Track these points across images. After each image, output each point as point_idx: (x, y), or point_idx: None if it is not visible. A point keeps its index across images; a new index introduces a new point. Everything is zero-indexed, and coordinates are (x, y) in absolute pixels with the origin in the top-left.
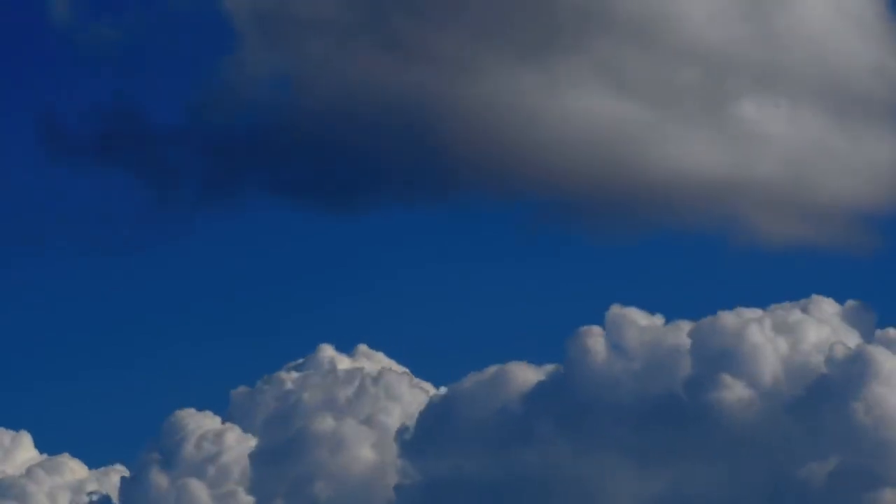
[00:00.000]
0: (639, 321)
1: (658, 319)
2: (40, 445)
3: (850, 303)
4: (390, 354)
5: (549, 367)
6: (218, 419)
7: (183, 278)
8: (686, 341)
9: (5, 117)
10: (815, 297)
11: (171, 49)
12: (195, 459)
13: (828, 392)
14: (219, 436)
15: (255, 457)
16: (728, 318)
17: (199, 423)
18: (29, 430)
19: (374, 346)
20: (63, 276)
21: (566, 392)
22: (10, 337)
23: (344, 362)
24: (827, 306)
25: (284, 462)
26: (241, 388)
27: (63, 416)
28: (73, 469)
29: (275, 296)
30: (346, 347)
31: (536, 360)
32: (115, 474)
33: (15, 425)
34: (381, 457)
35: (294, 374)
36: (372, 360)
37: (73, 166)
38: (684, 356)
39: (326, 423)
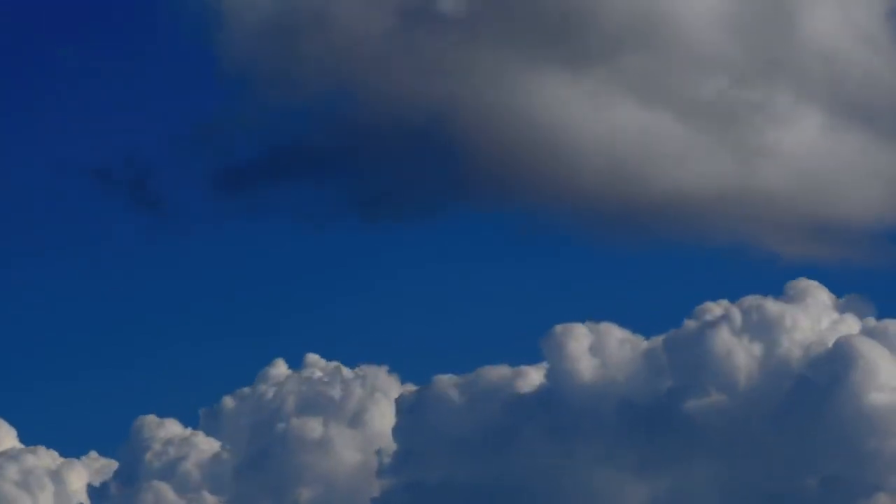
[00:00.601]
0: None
1: (638, 338)
2: (24, 439)
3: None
4: (380, 360)
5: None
6: (189, 428)
7: (173, 281)
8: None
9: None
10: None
11: (173, 78)
12: (166, 465)
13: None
14: (187, 441)
15: (232, 464)
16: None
17: (170, 430)
18: (14, 424)
19: (372, 350)
20: (55, 278)
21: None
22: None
23: (293, 375)
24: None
25: (264, 468)
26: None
27: (44, 411)
28: (52, 458)
29: (271, 299)
30: (344, 353)
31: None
32: (91, 462)
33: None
34: (363, 458)
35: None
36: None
37: (74, 198)
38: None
39: (309, 426)
